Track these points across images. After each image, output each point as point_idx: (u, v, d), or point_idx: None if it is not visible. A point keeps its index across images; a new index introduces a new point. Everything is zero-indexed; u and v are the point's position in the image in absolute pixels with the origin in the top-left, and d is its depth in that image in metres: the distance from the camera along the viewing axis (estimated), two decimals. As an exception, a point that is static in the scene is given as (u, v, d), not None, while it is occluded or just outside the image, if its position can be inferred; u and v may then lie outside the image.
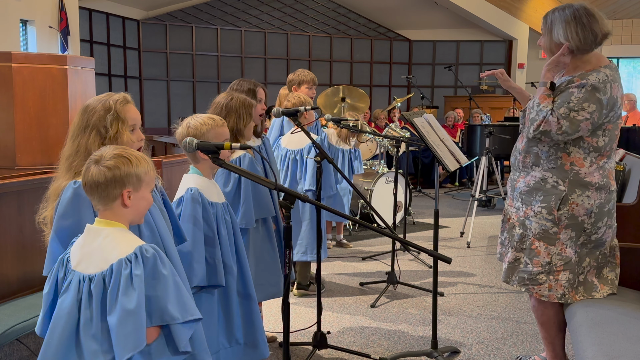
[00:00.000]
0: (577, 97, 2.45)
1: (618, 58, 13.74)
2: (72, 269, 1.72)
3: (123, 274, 1.65)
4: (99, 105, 1.97)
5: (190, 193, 2.29)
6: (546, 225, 2.58)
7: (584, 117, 2.44)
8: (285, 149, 4.06)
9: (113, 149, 1.76)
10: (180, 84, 11.98)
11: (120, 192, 1.72)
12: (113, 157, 1.72)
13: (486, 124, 8.41)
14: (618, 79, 2.53)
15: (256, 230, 2.98)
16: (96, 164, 1.71)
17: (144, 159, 1.78)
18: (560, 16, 2.54)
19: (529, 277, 2.63)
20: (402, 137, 5.07)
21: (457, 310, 3.99)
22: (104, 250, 1.70)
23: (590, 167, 2.54)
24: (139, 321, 1.63)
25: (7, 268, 3.10)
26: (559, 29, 2.54)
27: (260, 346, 2.45)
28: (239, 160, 2.89)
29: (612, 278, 2.67)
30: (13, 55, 4.31)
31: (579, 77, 2.51)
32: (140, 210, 1.80)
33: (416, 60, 13.90)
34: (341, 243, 5.73)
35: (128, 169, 1.72)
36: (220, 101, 2.88)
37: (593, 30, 2.49)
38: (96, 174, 1.69)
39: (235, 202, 2.84)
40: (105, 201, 1.72)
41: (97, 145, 1.93)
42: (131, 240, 1.74)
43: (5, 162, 4.24)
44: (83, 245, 1.73)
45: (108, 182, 1.69)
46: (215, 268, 2.29)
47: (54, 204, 1.92)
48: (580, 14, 2.50)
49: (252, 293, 2.47)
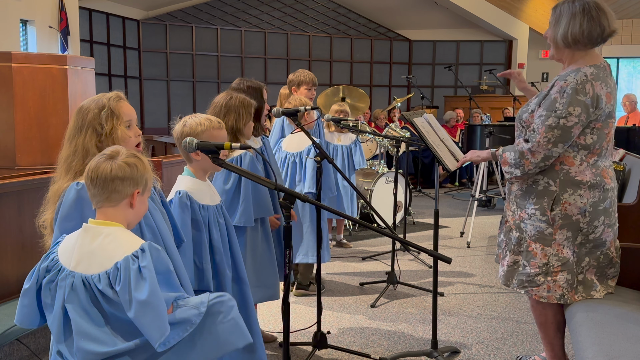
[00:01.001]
0: (561, 103, 2.46)
1: (618, 58, 13.74)
2: (71, 270, 1.71)
3: (132, 269, 1.65)
4: (92, 104, 1.98)
5: (178, 196, 2.27)
6: (541, 227, 2.58)
7: (573, 122, 2.45)
8: (285, 152, 4.06)
9: (126, 149, 1.78)
10: (180, 84, 11.98)
11: (132, 190, 1.74)
12: (130, 156, 1.75)
13: (486, 124, 8.41)
14: (604, 77, 2.51)
15: (254, 230, 2.97)
16: (112, 160, 1.72)
17: (149, 165, 1.81)
18: (568, 8, 2.53)
19: (527, 279, 2.62)
20: (402, 137, 5.07)
21: (457, 310, 3.99)
22: (106, 249, 1.69)
23: (580, 165, 2.54)
24: (156, 308, 1.64)
25: (7, 268, 3.11)
26: (563, 22, 2.53)
27: (257, 351, 2.44)
28: (239, 158, 2.88)
29: (614, 278, 2.67)
30: (13, 55, 4.32)
31: (559, 78, 2.52)
32: (140, 214, 1.81)
33: (416, 60, 13.90)
34: (341, 243, 5.73)
35: (143, 170, 1.76)
36: (220, 100, 2.89)
37: (601, 24, 2.48)
38: (116, 168, 1.71)
39: (234, 200, 2.83)
40: (115, 196, 1.72)
41: (94, 143, 1.93)
42: (135, 239, 1.74)
43: (5, 162, 4.24)
44: (82, 245, 1.72)
45: (125, 178, 1.71)
46: (204, 273, 2.27)
47: (55, 207, 1.92)
48: (590, 7, 2.49)
49: (249, 297, 2.46)
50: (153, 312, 1.63)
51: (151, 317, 1.63)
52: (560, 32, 2.53)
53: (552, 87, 2.54)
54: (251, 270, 2.96)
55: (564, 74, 2.52)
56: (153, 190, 2.07)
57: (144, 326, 1.64)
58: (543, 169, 2.57)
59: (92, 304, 1.69)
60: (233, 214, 2.84)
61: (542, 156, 2.51)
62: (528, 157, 2.53)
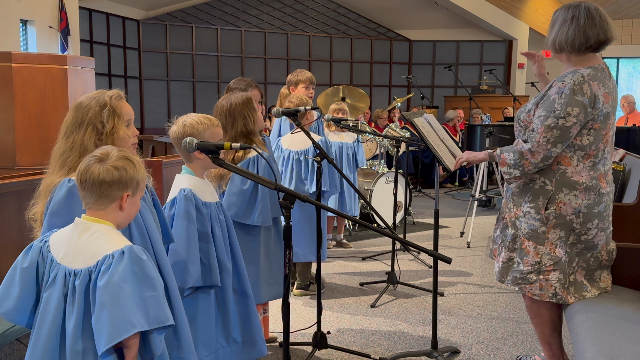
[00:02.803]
0: (560, 103, 2.48)
1: (618, 58, 13.75)
2: (57, 262, 1.70)
3: (102, 268, 1.65)
4: (93, 102, 1.96)
5: (183, 194, 2.29)
6: (535, 225, 2.60)
7: (572, 122, 2.47)
8: (287, 150, 4.03)
9: (117, 150, 1.75)
10: (180, 84, 11.98)
11: (121, 194, 1.72)
12: (120, 159, 1.72)
13: (486, 124, 8.41)
14: (601, 77, 2.53)
15: (268, 230, 3.00)
16: (101, 163, 1.70)
17: (141, 164, 1.78)
18: (562, 14, 2.57)
19: (521, 276, 2.65)
20: (402, 137, 5.07)
21: (457, 310, 3.99)
22: (91, 245, 1.69)
23: (577, 166, 2.55)
24: (110, 310, 1.61)
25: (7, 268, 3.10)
26: (556, 27, 2.58)
27: (258, 344, 2.46)
28: (256, 159, 2.91)
29: (604, 280, 2.67)
30: (13, 55, 4.32)
31: (557, 80, 2.55)
32: (131, 215, 1.80)
33: (416, 60, 13.90)
34: (341, 243, 5.73)
35: (133, 173, 1.73)
36: (222, 109, 2.92)
37: (586, 33, 2.50)
38: (103, 172, 1.69)
39: (252, 200, 2.86)
40: (103, 201, 1.71)
41: (93, 141, 1.92)
42: (121, 239, 1.73)
43: (5, 162, 4.24)
44: (70, 239, 1.71)
45: (113, 182, 1.69)
46: (210, 268, 2.29)
47: (45, 201, 1.91)
48: (579, 14, 2.51)
49: (248, 291, 2.47)
50: (109, 316, 1.60)
51: (105, 321, 1.60)
52: (551, 37, 2.60)
53: (550, 87, 2.57)
54: (265, 268, 2.99)
55: (562, 76, 2.55)
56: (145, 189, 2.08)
57: (97, 329, 1.62)
58: (542, 169, 2.58)
59: (62, 301, 1.68)
60: (250, 213, 2.87)
61: (541, 156, 2.52)
62: (528, 158, 2.54)
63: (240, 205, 2.86)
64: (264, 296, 3.01)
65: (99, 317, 1.62)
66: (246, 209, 2.87)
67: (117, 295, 1.61)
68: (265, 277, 2.99)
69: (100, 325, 1.62)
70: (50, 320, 1.68)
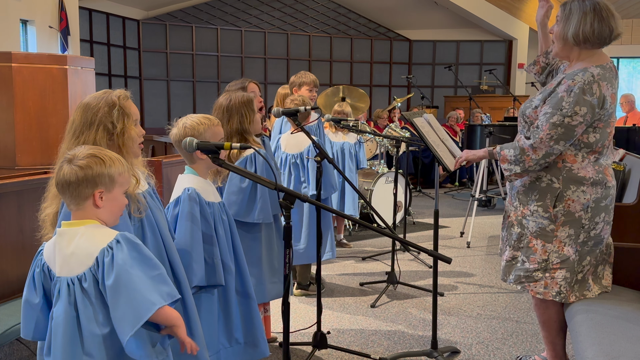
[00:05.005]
0: (568, 102, 2.46)
1: (618, 58, 13.74)
2: (57, 276, 1.71)
3: (105, 262, 1.66)
4: (101, 102, 1.95)
5: (187, 193, 2.29)
6: (543, 223, 2.59)
7: (578, 122, 2.46)
8: (285, 153, 4.05)
9: (87, 148, 1.75)
10: (180, 84, 11.98)
11: (91, 192, 1.71)
12: (86, 157, 1.71)
13: (486, 124, 8.41)
14: (610, 77, 2.52)
15: (269, 227, 3.00)
16: (69, 163, 1.70)
17: (119, 160, 1.76)
18: (579, 6, 2.51)
19: (525, 274, 2.64)
20: (402, 137, 5.07)
21: (457, 310, 3.99)
22: (84, 247, 1.69)
23: (582, 162, 2.55)
24: (127, 296, 1.63)
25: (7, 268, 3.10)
26: (573, 19, 2.51)
27: (260, 345, 2.46)
28: (253, 157, 2.90)
29: (606, 277, 2.67)
30: (13, 55, 4.31)
31: (567, 77, 2.52)
32: (114, 212, 1.79)
33: (416, 60, 13.90)
34: (341, 243, 5.73)
35: (100, 169, 1.71)
36: (221, 105, 2.91)
37: (610, 26, 2.48)
38: (68, 173, 1.69)
39: (252, 197, 2.86)
40: (77, 200, 1.71)
41: (105, 141, 1.92)
42: (109, 232, 1.73)
43: (5, 162, 4.24)
44: (60, 250, 1.71)
45: (79, 182, 1.69)
46: (214, 268, 2.29)
47: (58, 201, 1.90)
48: (600, 7, 2.49)
49: (251, 292, 2.47)
50: (127, 300, 1.63)
51: (125, 307, 1.63)
52: (572, 29, 2.51)
53: (558, 84, 2.54)
54: (267, 267, 2.98)
55: (572, 73, 2.52)
56: (149, 187, 2.08)
57: (115, 318, 1.64)
58: (543, 166, 2.57)
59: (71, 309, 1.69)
60: (250, 211, 2.87)
61: (543, 153, 2.51)
62: (529, 154, 2.53)
63: (241, 204, 2.86)
64: (268, 295, 3.01)
65: (116, 306, 1.64)
66: (247, 207, 2.87)
67: (128, 281, 1.64)
68: (267, 276, 3.00)
69: (119, 314, 1.64)
70: (61, 332, 1.68)
